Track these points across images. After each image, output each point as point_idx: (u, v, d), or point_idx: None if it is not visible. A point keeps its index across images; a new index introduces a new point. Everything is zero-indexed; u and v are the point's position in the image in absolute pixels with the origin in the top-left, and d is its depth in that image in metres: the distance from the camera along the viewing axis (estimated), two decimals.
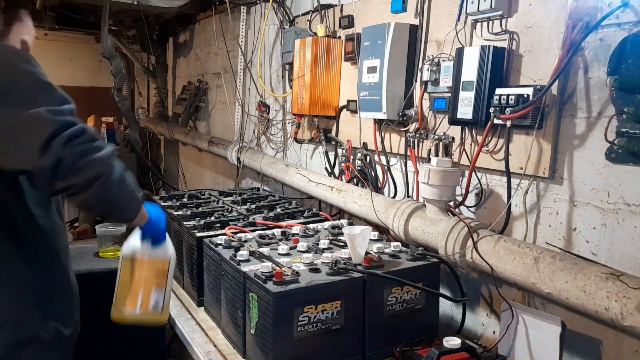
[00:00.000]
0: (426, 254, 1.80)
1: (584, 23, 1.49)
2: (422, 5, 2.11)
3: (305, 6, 3.01)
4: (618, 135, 1.46)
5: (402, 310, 1.69)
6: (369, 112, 2.28)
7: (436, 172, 1.87)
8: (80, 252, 2.08)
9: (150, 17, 5.16)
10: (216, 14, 4.18)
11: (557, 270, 1.46)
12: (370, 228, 1.72)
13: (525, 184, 1.74)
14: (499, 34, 1.79)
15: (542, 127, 1.65)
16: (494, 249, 1.67)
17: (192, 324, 1.97)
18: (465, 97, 1.80)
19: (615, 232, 1.49)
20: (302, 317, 1.49)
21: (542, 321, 1.58)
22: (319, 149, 2.96)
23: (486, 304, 1.93)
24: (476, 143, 1.90)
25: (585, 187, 1.57)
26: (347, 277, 1.58)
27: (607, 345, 1.52)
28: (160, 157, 6.57)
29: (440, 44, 2.04)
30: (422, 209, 1.99)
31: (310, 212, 2.39)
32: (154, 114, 6.24)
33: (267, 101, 3.57)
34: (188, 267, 2.17)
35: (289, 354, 1.49)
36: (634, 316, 1.26)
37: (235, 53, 3.93)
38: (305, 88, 2.68)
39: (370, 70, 2.23)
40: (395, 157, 2.36)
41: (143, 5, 4.13)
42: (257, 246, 1.84)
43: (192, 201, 2.56)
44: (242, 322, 1.66)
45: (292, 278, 1.52)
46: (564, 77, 1.60)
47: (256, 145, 3.74)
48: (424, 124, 2.13)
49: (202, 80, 4.95)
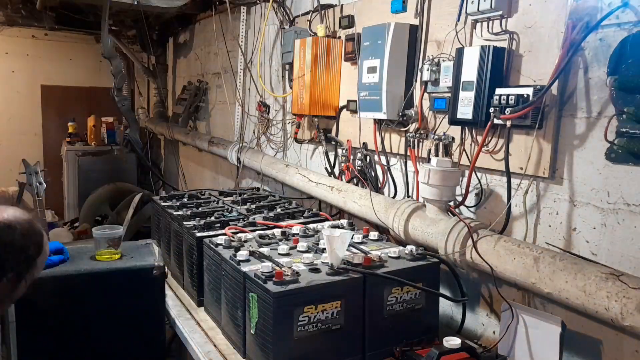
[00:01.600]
0: (426, 254, 1.80)
1: (584, 23, 1.50)
2: (422, 5, 2.11)
3: (305, 6, 3.01)
4: (618, 135, 1.46)
5: (402, 310, 1.69)
6: (369, 112, 2.28)
7: (436, 172, 1.87)
8: (80, 252, 2.07)
9: (150, 17, 5.16)
10: (216, 14, 4.17)
11: (557, 270, 1.46)
12: (351, 233, 1.69)
13: (525, 184, 1.74)
14: (499, 34, 1.79)
15: (542, 127, 1.65)
16: (494, 249, 1.67)
17: (192, 324, 1.97)
18: (465, 97, 1.80)
19: (615, 232, 1.49)
20: (302, 317, 1.49)
21: (542, 321, 1.58)
22: (319, 149, 2.96)
23: (486, 304, 1.93)
24: (476, 143, 1.90)
25: (585, 187, 1.57)
26: (347, 277, 1.58)
27: (607, 345, 1.52)
28: (160, 157, 6.57)
29: (440, 44, 2.04)
30: (422, 209, 1.99)
31: (310, 212, 2.39)
32: (154, 114, 6.24)
33: (267, 101, 3.57)
34: (188, 267, 2.17)
35: (289, 354, 1.49)
36: (634, 316, 1.26)
37: (235, 53, 3.93)
38: (305, 88, 2.67)
39: (370, 70, 2.23)
40: (395, 157, 2.36)
41: (143, 5, 4.12)
42: (257, 246, 1.84)
43: (192, 201, 2.56)
44: (242, 322, 1.66)
45: (292, 278, 1.52)
46: (564, 77, 1.60)
47: (256, 145, 3.73)
48: (424, 124, 2.13)
49: (202, 80, 4.95)
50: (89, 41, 7.02)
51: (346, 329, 1.58)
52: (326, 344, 1.55)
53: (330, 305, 1.54)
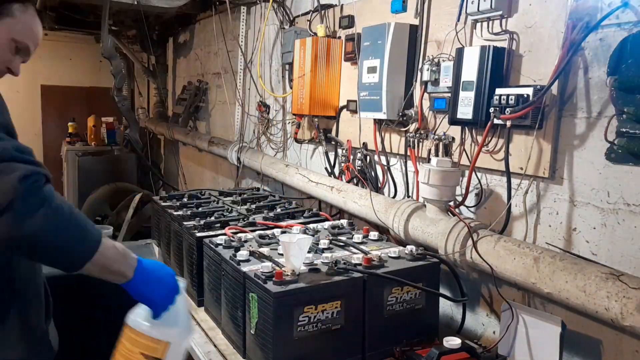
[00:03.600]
0: (426, 254, 1.80)
1: (584, 23, 1.50)
2: (422, 5, 2.11)
3: (305, 6, 3.01)
4: (618, 135, 1.46)
5: (402, 310, 1.69)
6: (369, 112, 2.28)
7: (436, 172, 1.87)
8: None
9: (150, 17, 5.16)
10: (216, 14, 4.17)
11: (557, 270, 1.46)
12: (310, 238, 1.65)
13: (525, 184, 1.74)
14: (499, 34, 1.79)
15: (542, 127, 1.65)
16: (494, 249, 1.67)
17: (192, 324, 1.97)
18: (465, 97, 1.80)
19: (615, 232, 1.49)
20: (302, 317, 1.49)
21: (542, 321, 1.58)
22: (319, 149, 2.96)
23: (486, 304, 1.93)
24: (476, 143, 1.90)
25: (585, 187, 1.57)
26: (347, 277, 1.58)
27: (607, 345, 1.52)
28: (160, 157, 6.57)
29: (440, 44, 2.04)
30: (422, 209, 1.99)
31: (310, 212, 2.39)
32: (154, 114, 6.24)
33: (267, 101, 3.57)
34: (188, 267, 2.17)
35: (289, 354, 1.49)
36: (634, 316, 1.26)
37: (235, 53, 3.93)
38: (305, 88, 2.67)
39: (370, 70, 2.23)
40: (395, 157, 2.36)
41: (143, 5, 4.12)
42: (257, 246, 1.84)
43: (192, 201, 2.55)
44: (242, 322, 1.66)
45: (292, 278, 1.52)
46: (564, 77, 1.60)
47: (256, 145, 3.74)
48: (424, 124, 2.13)
49: (202, 80, 4.95)
50: (89, 41, 7.03)
51: (346, 329, 1.58)
52: (326, 344, 1.55)
53: (330, 305, 1.54)
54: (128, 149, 5.70)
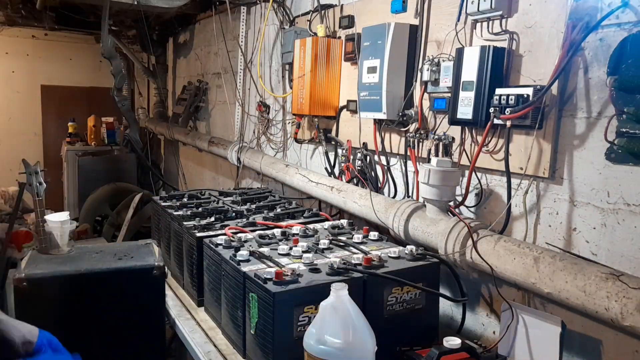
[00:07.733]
0: (426, 254, 1.80)
1: (584, 23, 1.50)
2: (422, 5, 2.11)
3: (305, 6, 3.01)
4: (618, 136, 1.46)
5: (402, 310, 1.69)
6: (369, 112, 2.28)
7: (436, 172, 1.87)
8: (81, 252, 2.08)
9: (150, 17, 5.16)
10: (216, 14, 4.18)
11: (557, 270, 1.46)
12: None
13: (525, 184, 1.74)
14: (499, 34, 1.79)
15: (542, 127, 1.65)
16: (494, 249, 1.67)
17: (192, 324, 1.97)
18: (465, 97, 1.80)
19: (615, 232, 1.49)
20: (302, 317, 1.49)
21: (542, 321, 1.58)
22: (319, 149, 2.96)
23: (486, 304, 1.93)
24: (476, 143, 1.90)
25: (585, 187, 1.57)
26: (347, 277, 1.58)
27: (607, 345, 1.52)
28: (160, 157, 6.57)
29: (440, 44, 2.04)
30: (422, 209, 1.99)
31: (310, 212, 2.39)
32: (154, 114, 6.24)
33: (267, 101, 3.57)
34: (188, 267, 2.17)
35: (289, 354, 1.49)
36: (634, 316, 1.26)
37: (235, 53, 3.93)
38: (305, 88, 2.67)
39: (370, 70, 2.23)
40: (395, 157, 2.36)
41: (143, 5, 4.12)
42: (257, 246, 1.84)
43: (192, 201, 2.56)
44: (242, 322, 1.66)
45: (292, 278, 1.52)
46: (564, 77, 1.60)
47: (256, 145, 3.74)
48: (424, 124, 2.13)
49: (202, 80, 4.95)
50: (89, 41, 7.04)
51: None
52: None
53: None
54: (128, 149, 5.70)
